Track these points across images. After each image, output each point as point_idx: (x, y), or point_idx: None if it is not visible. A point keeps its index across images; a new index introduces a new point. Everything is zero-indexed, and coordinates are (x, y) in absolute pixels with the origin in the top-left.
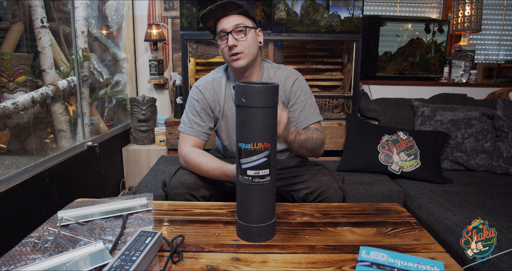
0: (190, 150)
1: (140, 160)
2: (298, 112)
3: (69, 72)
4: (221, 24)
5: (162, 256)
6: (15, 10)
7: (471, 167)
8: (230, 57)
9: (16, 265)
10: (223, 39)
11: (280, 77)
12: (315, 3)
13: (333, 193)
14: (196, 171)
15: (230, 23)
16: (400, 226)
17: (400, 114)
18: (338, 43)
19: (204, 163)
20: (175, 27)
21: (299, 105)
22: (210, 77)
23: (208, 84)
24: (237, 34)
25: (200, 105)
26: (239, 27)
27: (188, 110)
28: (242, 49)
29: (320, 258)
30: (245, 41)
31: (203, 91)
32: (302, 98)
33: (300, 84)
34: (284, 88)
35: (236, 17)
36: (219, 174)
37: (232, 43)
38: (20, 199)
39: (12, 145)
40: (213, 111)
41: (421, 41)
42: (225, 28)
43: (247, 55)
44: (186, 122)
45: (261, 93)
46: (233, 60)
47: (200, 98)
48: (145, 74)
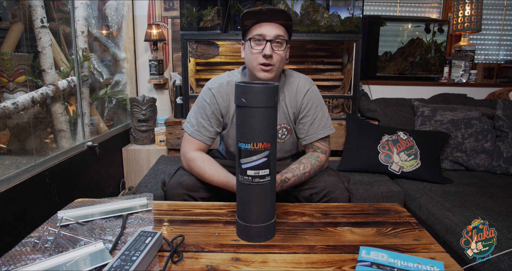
0: (196, 156)
1: (140, 160)
2: (308, 125)
3: (69, 72)
4: (262, 28)
5: (162, 256)
6: (15, 10)
7: (471, 167)
8: (259, 65)
9: (16, 265)
10: (258, 44)
11: (291, 88)
12: (315, 3)
13: (340, 194)
14: (200, 178)
15: (272, 32)
16: (400, 226)
17: (400, 114)
18: (338, 43)
19: (209, 174)
20: (175, 27)
21: (309, 118)
22: (225, 81)
23: (222, 88)
24: (276, 46)
25: (211, 109)
26: (279, 38)
27: (197, 111)
28: (275, 62)
29: (320, 258)
30: (280, 56)
31: (216, 96)
32: (313, 111)
33: (312, 96)
34: (296, 99)
35: (280, 28)
36: (224, 186)
37: (270, 53)
38: (20, 199)
39: (12, 145)
40: (223, 116)
41: (421, 41)
42: (265, 34)
43: (276, 69)
44: (193, 124)
45: (261, 93)
46: (262, 71)
47: (212, 102)
48: (145, 74)
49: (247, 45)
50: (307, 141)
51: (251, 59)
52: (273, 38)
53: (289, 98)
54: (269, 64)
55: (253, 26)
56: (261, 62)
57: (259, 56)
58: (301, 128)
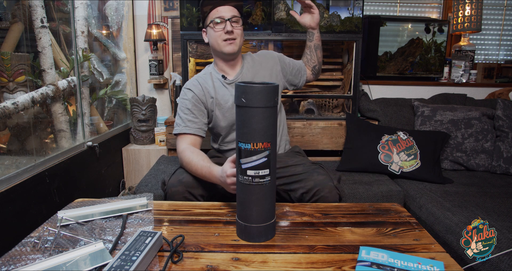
0: (186, 148)
1: (140, 160)
2: (293, 62)
3: (69, 72)
4: (218, 11)
5: (162, 256)
6: (15, 10)
7: (471, 167)
8: (224, 41)
9: (16, 265)
10: (219, 24)
11: (261, 54)
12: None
13: (329, 192)
14: (188, 169)
15: (228, 12)
16: (400, 226)
17: (400, 114)
18: (338, 43)
19: (195, 161)
20: (175, 27)
21: (288, 60)
22: (194, 78)
23: (194, 82)
24: (234, 23)
25: (191, 102)
26: (235, 17)
27: (180, 111)
28: (236, 36)
29: (320, 258)
30: (239, 30)
31: (192, 88)
32: (284, 58)
33: (277, 53)
34: (272, 57)
35: (234, 9)
36: (206, 173)
37: (231, 29)
38: (20, 199)
39: (12, 145)
40: (205, 104)
41: (421, 41)
42: (223, 15)
43: (238, 42)
44: (179, 124)
45: (261, 93)
46: (227, 45)
47: (190, 96)
48: (145, 74)
49: (209, 29)
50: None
51: (216, 38)
52: (231, 17)
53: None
54: (232, 38)
55: (211, 12)
56: (225, 38)
57: (221, 33)
58: (292, 68)
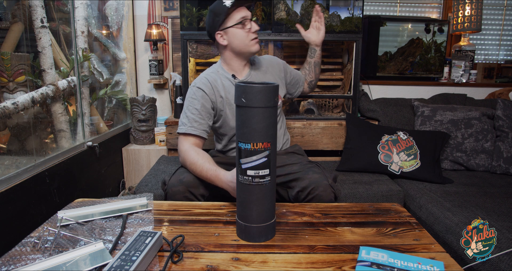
0: (190, 148)
1: (140, 160)
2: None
3: (69, 72)
4: (240, 12)
5: (162, 256)
6: (15, 10)
7: (471, 167)
8: (252, 41)
9: (16, 265)
10: (246, 24)
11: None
12: (315, 3)
13: (323, 191)
14: (192, 169)
15: (248, 12)
16: (400, 226)
17: (400, 114)
18: (338, 43)
19: (200, 162)
20: (175, 27)
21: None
22: (203, 76)
23: (203, 80)
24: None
25: (200, 102)
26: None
27: (187, 110)
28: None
29: (320, 258)
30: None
31: (202, 87)
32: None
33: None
34: (277, 64)
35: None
36: (212, 176)
37: (258, 28)
38: (20, 199)
39: (12, 145)
40: (214, 104)
41: (421, 41)
42: (247, 15)
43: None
44: (185, 123)
45: (261, 93)
46: (254, 44)
47: (200, 95)
48: (145, 74)
49: (234, 30)
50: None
51: (243, 39)
52: (252, 17)
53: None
54: (257, 37)
55: (233, 13)
56: (253, 38)
57: (249, 33)
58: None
